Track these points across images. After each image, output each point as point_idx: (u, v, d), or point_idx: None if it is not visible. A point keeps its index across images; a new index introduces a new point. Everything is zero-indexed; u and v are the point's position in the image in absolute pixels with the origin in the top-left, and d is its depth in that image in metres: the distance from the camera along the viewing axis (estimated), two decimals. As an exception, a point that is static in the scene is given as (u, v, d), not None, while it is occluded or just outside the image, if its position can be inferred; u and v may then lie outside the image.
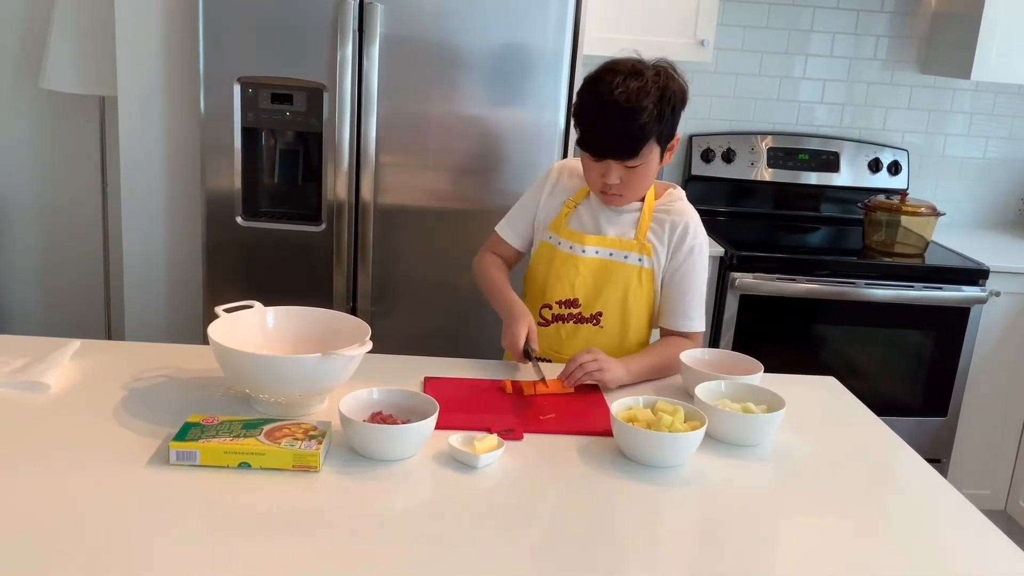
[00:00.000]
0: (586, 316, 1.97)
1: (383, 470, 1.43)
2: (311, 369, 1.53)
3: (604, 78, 1.82)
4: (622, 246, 1.94)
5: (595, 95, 1.83)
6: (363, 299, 2.66)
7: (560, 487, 1.44)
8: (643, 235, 1.94)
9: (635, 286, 1.95)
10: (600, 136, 1.84)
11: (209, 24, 2.47)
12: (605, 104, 1.80)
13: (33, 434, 1.48)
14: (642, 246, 1.94)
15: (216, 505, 1.30)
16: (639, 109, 1.78)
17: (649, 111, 1.79)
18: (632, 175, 1.86)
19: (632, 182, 1.88)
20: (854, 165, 3.45)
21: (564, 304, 1.98)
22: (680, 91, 1.86)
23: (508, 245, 2.09)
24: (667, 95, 1.82)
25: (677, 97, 1.85)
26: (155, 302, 2.82)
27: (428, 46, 2.52)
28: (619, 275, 1.95)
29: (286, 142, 2.66)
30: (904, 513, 1.47)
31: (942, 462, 3.13)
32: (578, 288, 1.96)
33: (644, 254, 1.94)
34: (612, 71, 1.83)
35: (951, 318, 3.02)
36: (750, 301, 2.94)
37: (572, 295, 1.96)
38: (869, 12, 3.41)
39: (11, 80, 3.23)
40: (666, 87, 1.82)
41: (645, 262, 1.94)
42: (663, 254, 1.95)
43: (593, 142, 1.85)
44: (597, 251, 1.95)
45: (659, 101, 1.80)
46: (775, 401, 1.64)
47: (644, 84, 1.80)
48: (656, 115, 1.80)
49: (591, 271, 1.95)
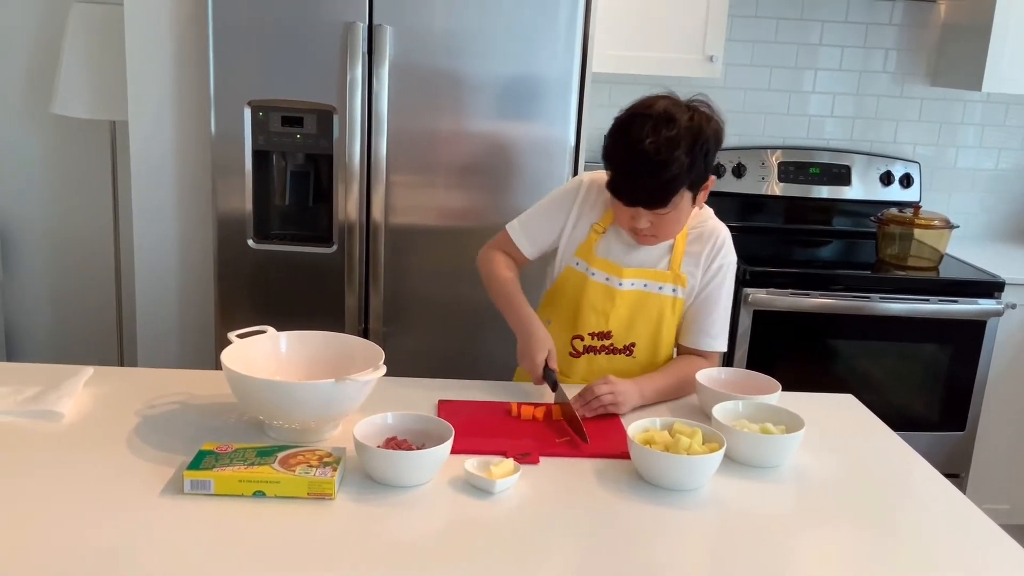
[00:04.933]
0: (619, 347, 1.93)
1: (399, 496, 1.42)
2: (325, 395, 1.52)
3: (634, 123, 1.72)
4: (657, 277, 1.89)
5: (624, 143, 1.73)
6: (375, 319, 2.65)
7: (578, 512, 1.42)
8: (678, 265, 1.89)
9: (668, 316, 1.91)
10: (629, 186, 1.76)
11: (219, 48, 2.48)
12: (634, 154, 1.71)
13: (47, 464, 1.47)
14: (676, 276, 1.89)
15: (231, 535, 1.29)
16: (670, 160, 1.69)
17: (680, 162, 1.69)
18: (663, 220, 1.79)
19: (663, 227, 1.81)
20: (865, 178, 3.43)
21: (597, 336, 1.93)
22: (715, 133, 1.76)
23: (519, 251, 1.99)
24: (700, 141, 1.72)
25: (711, 141, 1.75)
26: (167, 325, 2.82)
27: (437, 67, 2.52)
28: (653, 306, 1.90)
29: (296, 164, 2.66)
30: (924, 530, 1.45)
31: (960, 477, 3.10)
32: (612, 321, 1.91)
33: (679, 284, 1.90)
34: (643, 116, 1.73)
35: (967, 331, 2.99)
36: (764, 316, 2.93)
37: (606, 328, 1.92)
38: (878, 25, 3.40)
39: (23, 105, 3.25)
40: (700, 133, 1.72)
41: (679, 292, 1.90)
42: (697, 278, 1.90)
43: (622, 190, 1.77)
44: (633, 283, 1.89)
45: (691, 149, 1.70)
46: (794, 421, 1.63)
47: (676, 133, 1.70)
48: (687, 165, 1.71)
49: (626, 303, 1.90)
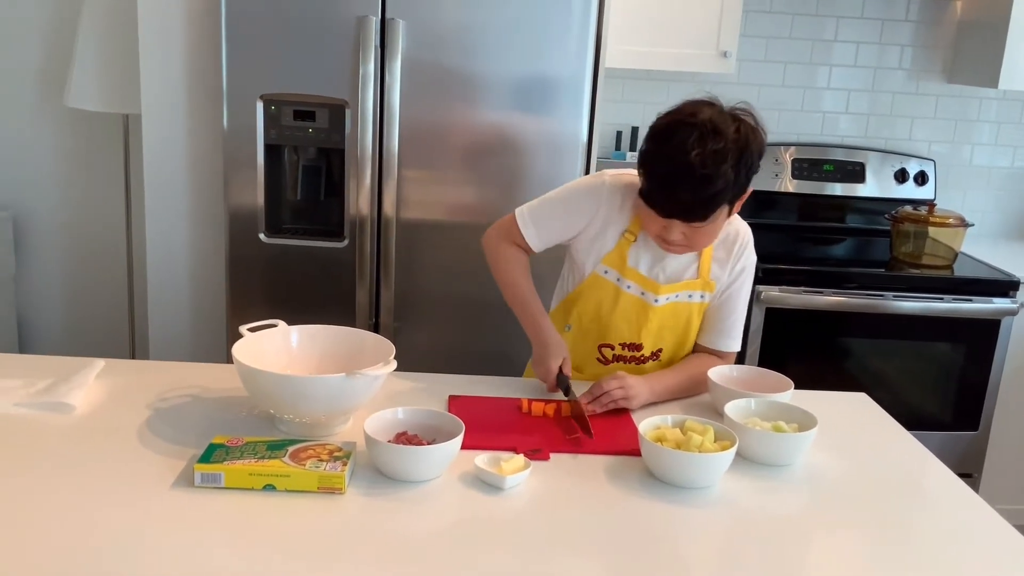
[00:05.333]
0: (647, 356, 1.91)
1: (409, 491, 1.42)
2: (336, 389, 1.51)
3: (678, 132, 1.62)
4: (689, 287, 1.86)
5: (666, 151, 1.63)
6: (386, 314, 2.65)
7: (588, 508, 1.42)
8: (707, 272, 1.85)
9: (695, 320, 1.90)
10: (667, 198, 1.66)
11: (232, 42, 2.48)
12: (678, 165, 1.61)
13: (58, 455, 1.47)
14: (706, 283, 1.86)
15: (241, 528, 1.29)
16: (716, 175, 1.60)
17: (726, 177, 1.61)
18: (696, 232, 1.71)
19: (696, 238, 1.73)
20: (880, 176, 3.41)
21: (628, 347, 1.90)
22: (760, 146, 1.67)
23: (526, 242, 1.90)
24: (746, 155, 1.63)
25: (755, 155, 1.66)
26: (179, 318, 2.83)
27: (449, 61, 2.51)
28: (683, 314, 1.88)
29: (308, 158, 2.66)
30: (937, 530, 1.44)
31: (973, 477, 3.07)
32: (644, 335, 1.88)
33: (707, 291, 1.87)
34: (688, 124, 1.62)
35: (981, 330, 2.97)
36: (776, 314, 2.91)
37: (638, 340, 1.89)
38: (893, 21, 3.37)
39: (36, 98, 3.26)
40: (746, 146, 1.63)
41: (706, 297, 1.88)
42: (724, 281, 1.88)
43: (659, 201, 1.67)
44: (668, 298, 1.85)
45: (737, 164, 1.61)
46: (806, 419, 1.61)
47: (723, 146, 1.60)
48: (732, 180, 1.62)
49: (659, 317, 1.87)
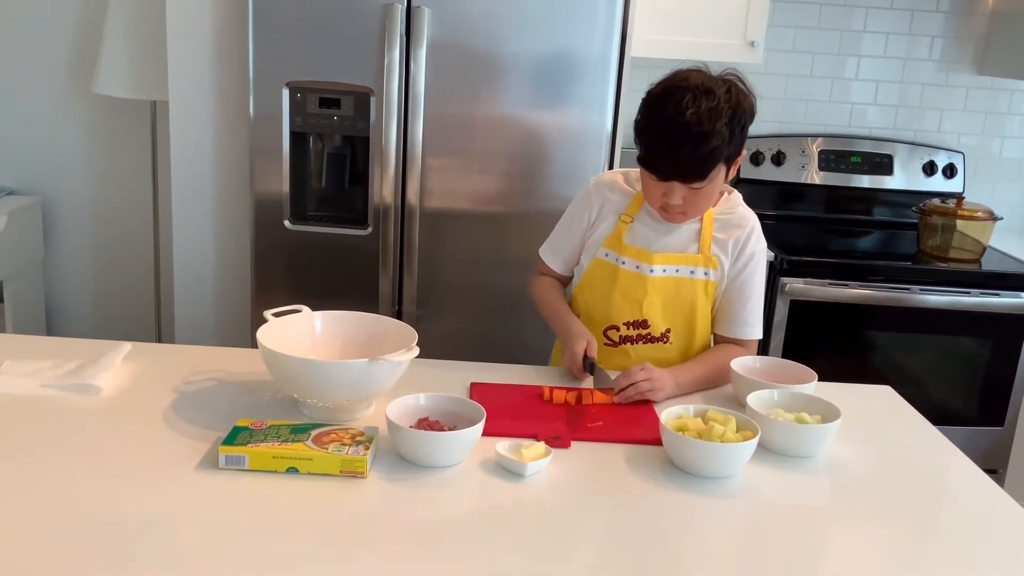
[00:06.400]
0: (656, 336, 1.91)
1: (430, 476, 1.43)
2: (359, 374, 1.52)
3: (672, 96, 1.70)
4: (688, 261, 1.87)
5: (662, 115, 1.71)
6: (408, 302, 2.66)
7: (608, 496, 1.42)
8: (707, 248, 1.87)
9: (702, 301, 1.89)
10: (666, 158, 1.73)
11: (259, 30, 2.49)
12: (674, 125, 1.68)
13: (84, 436, 1.49)
14: (708, 259, 1.87)
15: (264, 510, 1.30)
16: (711, 132, 1.67)
17: (721, 134, 1.68)
18: (696, 195, 1.77)
19: (696, 202, 1.79)
20: (908, 168, 3.38)
21: (632, 325, 1.91)
22: (750, 107, 1.75)
23: (552, 269, 2.03)
24: (738, 114, 1.71)
25: (747, 115, 1.74)
26: (204, 304, 2.85)
27: (474, 49, 2.51)
28: (686, 292, 1.88)
29: (333, 146, 2.67)
30: (961, 525, 1.42)
31: (998, 473, 3.05)
32: (646, 309, 1.89)
33: (710, 267, 1.88)
34: (680, 88, 1.70)
35: (1008, 325, 2.94)
36: (801, 306, 2.89)
37: (641, 316, 1.90)
38: (924, 12, 3.34)
39: (65, 85, 3.29)
40: (738, 105, 1.71)
41: (711, 275, 1.88)
42: (727, 264, 1.88)
43: (658, 163, 1.75)
44: (664, 269, 1.87)
45: (730, 121, 1.70)
46: (830, 411, 1.61)
47: (716, 104, 1.68)
48: (727, 137, 1.70)
49: (659, 290, 1.88)
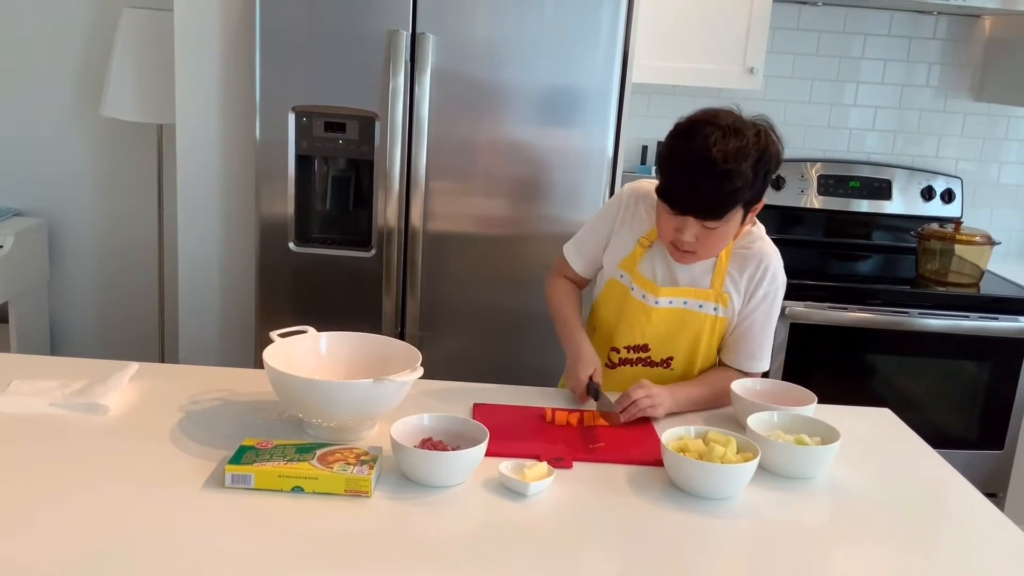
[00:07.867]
0: (656, 360, 1.92)
1: (433, 496, 1.44)
2: (363, 394, 1.54)
3: (701, 130, 1.69)
4: (697, 295, 1.86)
5: (688, 148, 1.70)
6: (412, 323, 2.68)
7: (610, 517, 1.43)
8: (720, 284, 1.86)
9: (708, 334, 1.89)
10: (686, 191, 1.72)
11: (266, 55, 2.53)
12: (699, 159, 1.67)
13: (91, 455, 1.50)
14: (719, 295, 1.86)
15: (270, 528, 1.32)
16: (735, 172, 1.66)
17: (745, 175, 1.67)
18: (709, 235, 1.75)
19: (708, 242, 1.77)
20: (906, 193, 3.41)
21: (633, 349, 1.92)
22: (777, 156, 1.74)
23: (573, 270, 2.02)
24: (764, 159, 1.70)
25: (773, 163, 1.73)
26: (209, 325, 2.87)
27: (478, 75, 2.54)
28: (692, 323, 1.88)
29: (338, 169, 2.70)
30: (960, 547, 1.43)
31: (998, 496, 3.05)
32: (648, 336, 1.90)
33: (720, 303, 1.87)
34: (710, 123, 1.70)
35: (1007, 349, 2.95)
36: (801, 330, 2.91)
37: (642, 341, 1.91)
38: (921, 39, 3.38)
39: (72, 108, 3.33)
40: (765, 150, 1.71)
41: (720, 311, 1.87)
42: (739, 301, 1.87)
43: (676, 196, 1.73)
44: (671, 301, 1.87)
45: (756, 164, 1.69)
46: (829, 433, 1.62)
47: (744, 144, 1.68)
48: (750, 179, 1.69)
49: (663, 320, 1.88)
